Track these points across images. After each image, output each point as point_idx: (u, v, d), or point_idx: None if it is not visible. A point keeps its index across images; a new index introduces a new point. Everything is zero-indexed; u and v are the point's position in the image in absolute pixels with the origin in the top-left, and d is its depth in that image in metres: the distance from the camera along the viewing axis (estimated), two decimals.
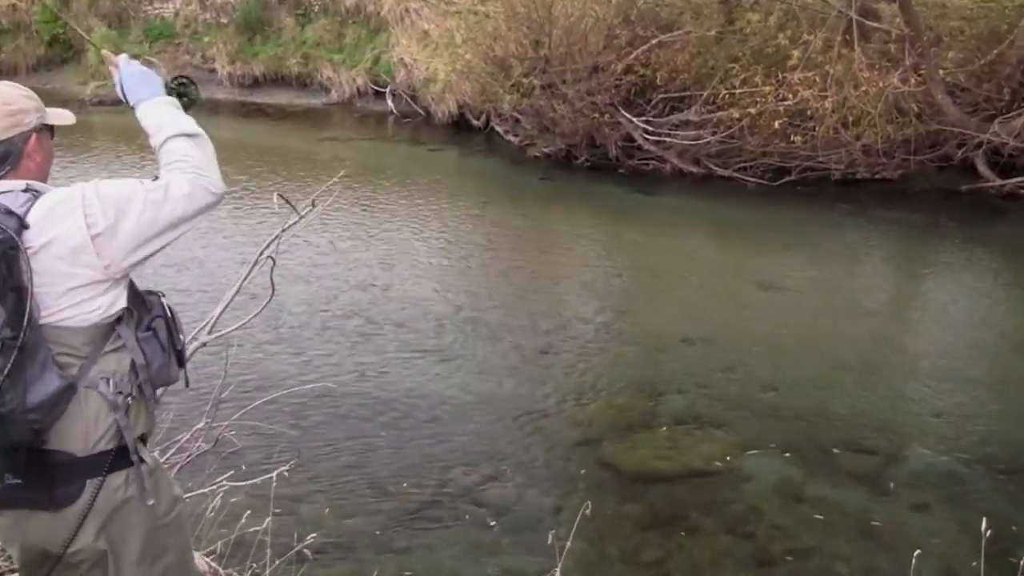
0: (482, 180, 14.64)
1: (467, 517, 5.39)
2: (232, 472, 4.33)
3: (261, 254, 4.20)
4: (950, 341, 8.27)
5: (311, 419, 6.39)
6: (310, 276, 9.28)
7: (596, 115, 13.91)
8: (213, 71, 20.43)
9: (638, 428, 6.48)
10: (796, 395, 7.05)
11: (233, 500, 4.11)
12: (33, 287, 2.21)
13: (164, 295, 2.55)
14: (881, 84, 12.08)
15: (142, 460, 2.38)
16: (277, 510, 4.16)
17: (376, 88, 19.17)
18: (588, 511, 4.00)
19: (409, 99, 18.53)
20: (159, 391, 2.53)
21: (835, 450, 6.22)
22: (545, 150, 14.95)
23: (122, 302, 2.37)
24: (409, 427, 6.39)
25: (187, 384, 2.66)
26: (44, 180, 2.43)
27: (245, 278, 4.25)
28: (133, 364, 2.37)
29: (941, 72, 12.76)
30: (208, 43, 20.47)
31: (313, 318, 8.25)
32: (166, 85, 2.65)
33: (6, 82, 2.44)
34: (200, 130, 2.49)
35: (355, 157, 15.33)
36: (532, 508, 5.48)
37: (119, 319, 2.37)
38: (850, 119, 12.51)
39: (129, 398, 2.35)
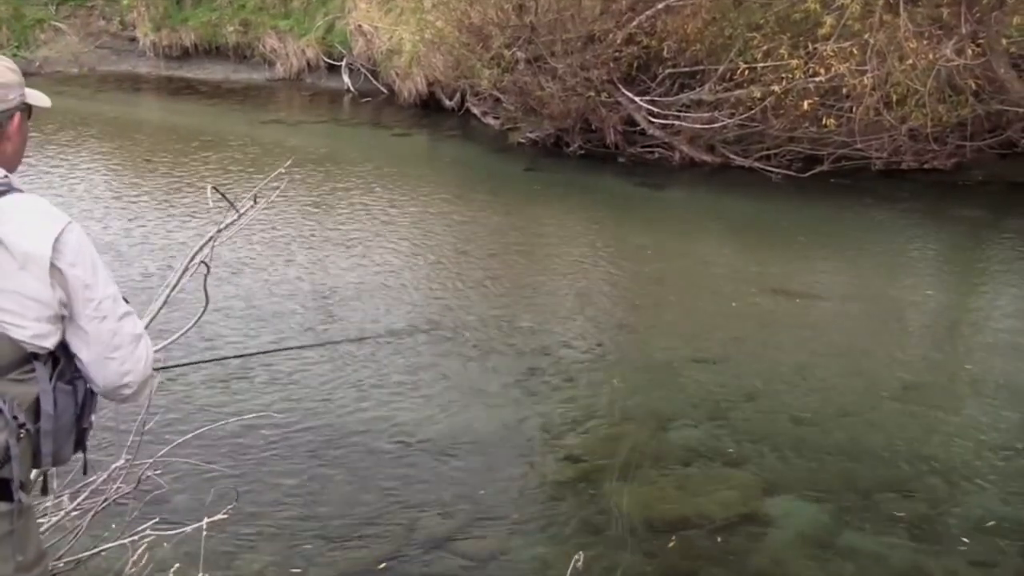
0: (456, 171, 14.68)
1: (439, 572, 5.40)
2: (157, 519, 4.32)
3: (192, 259, 4.22)
4: (1014, 364, 8.33)
5: (252, 455, 6.39)
6: (251, 286, 9.29)
7: (591, 94, 13.96)
8: (134, 40, 20.43)
9: (641, 466, 6.50)
10: (830, 427, 7.09)
11: (158, 552, 4.11)
12: None
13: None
14: (931, 56, 12.16)
15: (20, 499, 2.41)
16: (211, 565, 4.17)
17: (330, 61, 19.22)
18: (580, 563, 4.02)
19: (369, 74, 18.57)
20: (49, 468, 2.58)
21: (877, 492, 6.25)
22: (531, 135, 15.01)
23: (52, 341, 2.42)
24: (369, 465, 6.40)
25: (85, 472, 2.74)
26: (15, 169, 2.49)
27: (173, 288, 4.27)
28: (37, 407, 2.40)
29: (1004, 41, 12.84)
30: (127, 6, 20.46)
31: (255, 335, 8.26)
32: None
33: None
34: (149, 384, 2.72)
35: (305, 144, 15.33)
36: (516, 560, 5.49)
37: (37, 355, 2.40)
38: (894, 98, 12.62)
39: (23, 430, 2.37)
